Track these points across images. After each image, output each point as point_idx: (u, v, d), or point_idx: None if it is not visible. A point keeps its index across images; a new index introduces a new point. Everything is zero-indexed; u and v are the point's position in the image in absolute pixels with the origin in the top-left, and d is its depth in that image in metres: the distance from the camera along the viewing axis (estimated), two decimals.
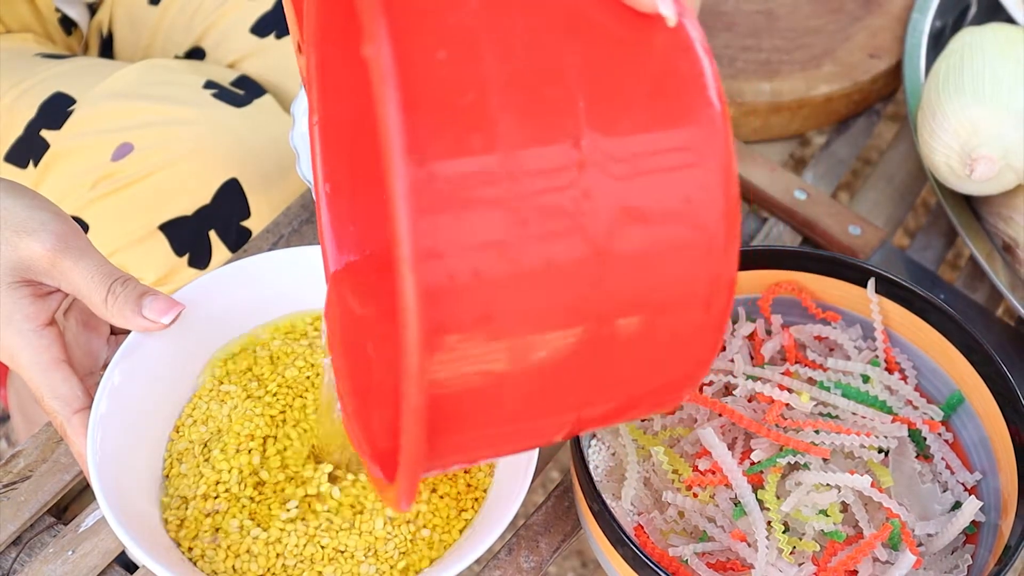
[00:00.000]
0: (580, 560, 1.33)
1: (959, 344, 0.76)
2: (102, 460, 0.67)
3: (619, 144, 0.48)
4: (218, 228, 0.92)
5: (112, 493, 0.66)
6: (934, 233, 0.99)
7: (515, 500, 0.68)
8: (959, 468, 0.76)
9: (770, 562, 0.69)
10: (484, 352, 0.47)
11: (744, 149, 0.99)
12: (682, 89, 0.49)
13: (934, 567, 0.72)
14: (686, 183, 0.48)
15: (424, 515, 0.71)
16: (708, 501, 0.72)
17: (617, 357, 0.50)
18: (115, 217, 0.91)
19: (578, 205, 0.47)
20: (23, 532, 0.75)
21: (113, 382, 0.70)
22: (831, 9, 1.07)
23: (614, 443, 0.76)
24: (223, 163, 0.91)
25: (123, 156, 0.91)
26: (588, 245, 0.47)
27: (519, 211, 0.46)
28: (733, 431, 0.75)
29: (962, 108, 0.86)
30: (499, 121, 0.46)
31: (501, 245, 0.46)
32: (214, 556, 0.68)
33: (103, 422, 0.69)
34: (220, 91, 0.96)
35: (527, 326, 0.47)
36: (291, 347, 0.76)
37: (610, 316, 0.49)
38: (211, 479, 0.70)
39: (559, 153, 0.47)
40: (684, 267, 0.49)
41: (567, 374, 0.50)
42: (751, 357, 0.80)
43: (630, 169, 0.48)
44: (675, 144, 0.48)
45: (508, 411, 0.50)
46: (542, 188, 0.46)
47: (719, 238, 0.49)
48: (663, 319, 0.50)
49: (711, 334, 0.52)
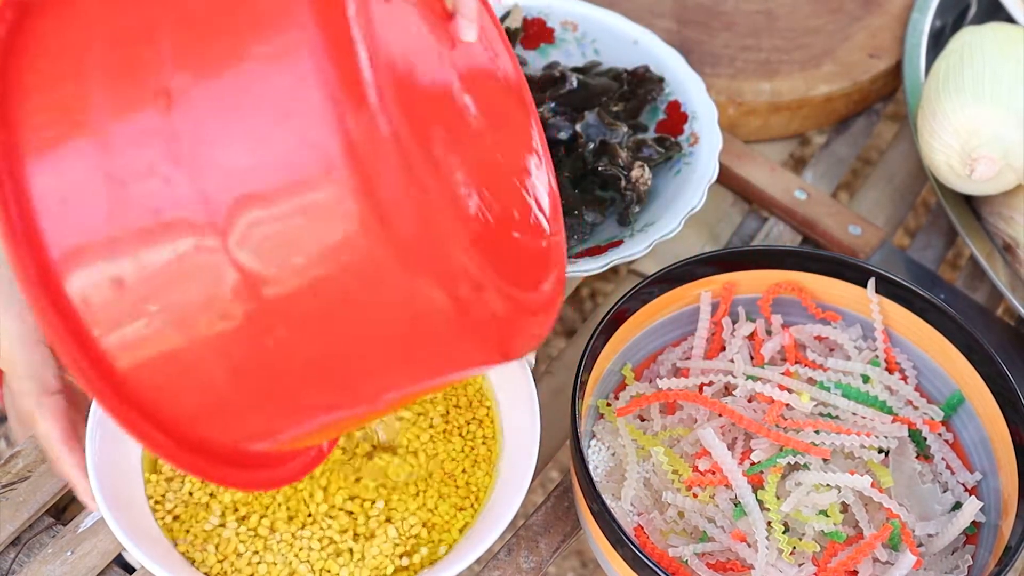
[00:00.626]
0: (580, 560, 1.33)
1: (959, 344, 0.76)
2: (100, 461, 0.67)
3: (209, 83, 0.48)
4: None
5: (110, 494, 0.66)
6: (934, 233, 0.99)
7: (515, 500, 0.68)
8: (959, 468, 0.76)
9: (770, 562, 0.69)
10: (136, 317, 0.50)
11: (744, 148, 0.99)
12: (268, 11, 0.48)
13: (934, 567, 0.72)
14: (283, 111, 0.47)
15: (424, 515, 0.71)
16: (708, 501, 0.72)
17: (299, 325, 0.50)
18: None
19: (175, 155, 0.48)
20: (22, 532, 0.75)
21: None
22: (831, 9, 1.07)
23: (614, 443, 0.75)
24: None
25: None
26: (192, 189, 0.48)
27: (117, 177, 0.49)
28: (733, 431, 0.75)
29: (962, 108, 0.85)
30: (92, 96, 0.50)
31: (111, 215, 0.49)
32: (206, 556, 0.68)
33: (102, 422, 0.68)
34: None
35: (161, 290, 0.49)
36: None
37: (241, 265, 0.49)
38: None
39: (148, 114, 0.49)
40: (311, 195, 0.47)
41: (255, 349, 0.50)
42: (751, 357, 0.80)
43: (220, 105, 0.48)
44: (264, 70, 0.48)
45: (227, 387, 0.52)
46: (134, 147, 0.49)
47: (336, 155, 0.46)
48: (324, 270, 0.49)
49: (405, 282, 0.49)
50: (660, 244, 0.82)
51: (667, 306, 0.79)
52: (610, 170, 0.86)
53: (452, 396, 0.76)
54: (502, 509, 0.69)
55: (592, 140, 0.88)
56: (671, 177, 0.88)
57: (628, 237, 0.83)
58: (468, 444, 0.74)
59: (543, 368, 0.87)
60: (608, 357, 0.77)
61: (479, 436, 0.74)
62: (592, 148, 0.88)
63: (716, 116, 0.90)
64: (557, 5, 0.96)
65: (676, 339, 0.81)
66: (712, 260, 0.79)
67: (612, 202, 0.87)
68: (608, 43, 0.95)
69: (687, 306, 0.80)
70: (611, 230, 0.86)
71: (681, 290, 0.79)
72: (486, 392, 0.76)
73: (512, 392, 0.74)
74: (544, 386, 0.86)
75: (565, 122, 0.89)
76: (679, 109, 0.91)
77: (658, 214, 0.85)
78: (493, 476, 0.73)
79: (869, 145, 1.37)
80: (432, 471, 0.73)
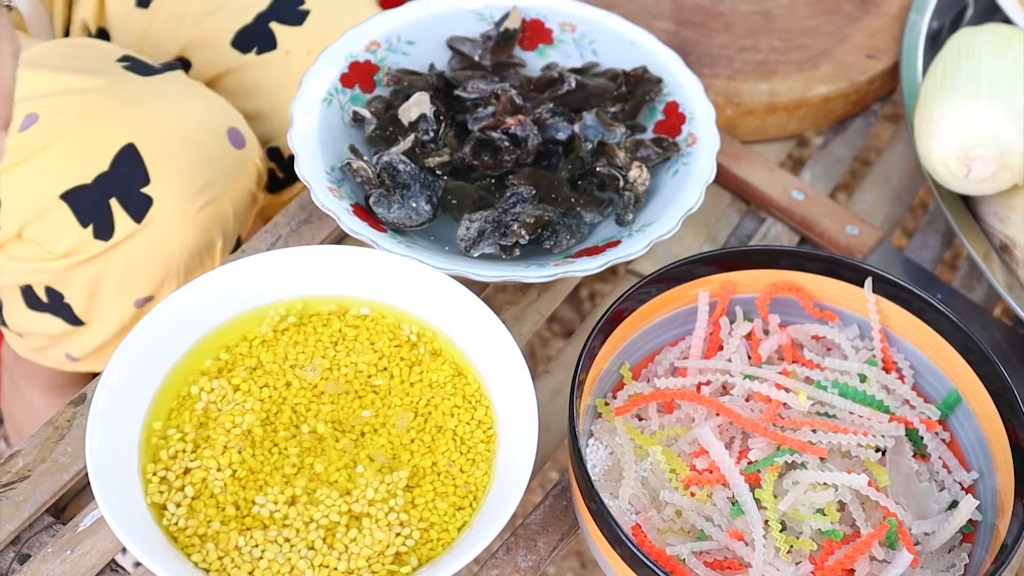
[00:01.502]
0: (579, 561, 1.33)
1: (956, 344, 0.76)
2: (100, 458, 0.68)
3: None
4: (119, 196, 0.89)
5: (110, 493, 0.67)
6: (931, 233, 0.99)
7: (513, 499, 0.68)
8: (956, 467, 0.76)
9: (767, 561, 0.69)
10: None
11: (742, 149, 0.99)
12: None
13: (931, 566, 0.72)
14: None
15: (422, 513, 0.71)
16: (705, 500, 0.72)
17: None
18: (21, 189, 0.90)
19: None
20: (22, 532, 0.75)
21: (112, 380, 0.71)
22: (828, 10, 1.07)
23: (612, 442, 0.76)
24: (119, 128, 0.89)
25: (28, 127, 0.89)
26: None
27: None
28: (731, 430, 0.75)
29: (959, 108, 0.86)
30: None
31: None
32: (205, 555, 0.68)
33: (103, 419, 0.69)
34: (132, 63, 0.94)
35: None
36: (285, 345, 0.77)
37: None
38: (198, 476, 0.71)
39: None
40: None
41: None
42: (749, 356, 0.80)
43: None
44: None
45: None
46: None
47: None
48: None
49: None
50: (658, 244, 0.82)
51: (665, 306, 0.79)
52: (608, 170, 0.86)
53: (450, 396, 0.76)
54: (500, 508, 0.69)
55: (590, 140, 0.89)
56: (669, 177, 0.88)
57: (626, 237, 0.83)
58: (466, 443, 0.74)
59: (541, 368, 0.87)
60: (606, 357, 0.77)
61: (477, 435, 0.75)
62: (590, 148, 0.88)
63: (714, 117, 0.90)
64: (555, 6, 0.96)
65: (674, 339, 0.82)
66: (710, 260, 0.79)
67: (610, 202, 0.88)
68: (606, 44, 0.95)
69: (685, 306, 0.80)
70: (609, 230, 0.86)
71: (679, 290, 0.79)
72: (484, 392, 0.76)
73: (510, 392, 0.74)
74: (542, 386, 0.86)
75: (563, 123, 0.89)
76: (677, 110, 0.91)
77: (656, 214, 0.85)
78: (491, 475, 0.73)
79: (867, 146, 1.37)
80: (429, 419, 0.74)
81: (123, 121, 0.90)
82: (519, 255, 0.83)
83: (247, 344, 0.77)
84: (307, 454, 0.73)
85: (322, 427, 0.74)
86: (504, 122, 0.87)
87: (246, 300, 0.78)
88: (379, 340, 0.78)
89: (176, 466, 0.71)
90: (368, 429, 0.74)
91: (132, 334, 0.73)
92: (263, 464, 0.72)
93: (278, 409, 0.74)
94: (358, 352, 0.77)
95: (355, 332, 0.78)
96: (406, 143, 0.87)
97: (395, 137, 0.88)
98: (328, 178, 0.84)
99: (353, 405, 0.75)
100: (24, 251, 0.91)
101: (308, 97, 0.88)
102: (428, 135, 0.88)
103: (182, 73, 0.96)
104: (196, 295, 0.76)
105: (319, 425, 0.74)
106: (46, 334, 0.97)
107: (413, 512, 0.71)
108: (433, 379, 0.77)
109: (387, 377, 0.76)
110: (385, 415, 0.75)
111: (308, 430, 0.74)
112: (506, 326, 0.76)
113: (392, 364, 0.77)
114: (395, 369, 0.77)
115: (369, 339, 0.78)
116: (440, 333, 0.78)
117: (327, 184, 0.83)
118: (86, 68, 0.92)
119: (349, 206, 0.83)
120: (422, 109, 0.88)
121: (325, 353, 0.77)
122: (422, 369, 0.77)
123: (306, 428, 0.74)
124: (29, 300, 0.95)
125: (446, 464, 0.73)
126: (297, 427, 0.74)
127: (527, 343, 0.87)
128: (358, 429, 0.74)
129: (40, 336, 0.98)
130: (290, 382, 0.75)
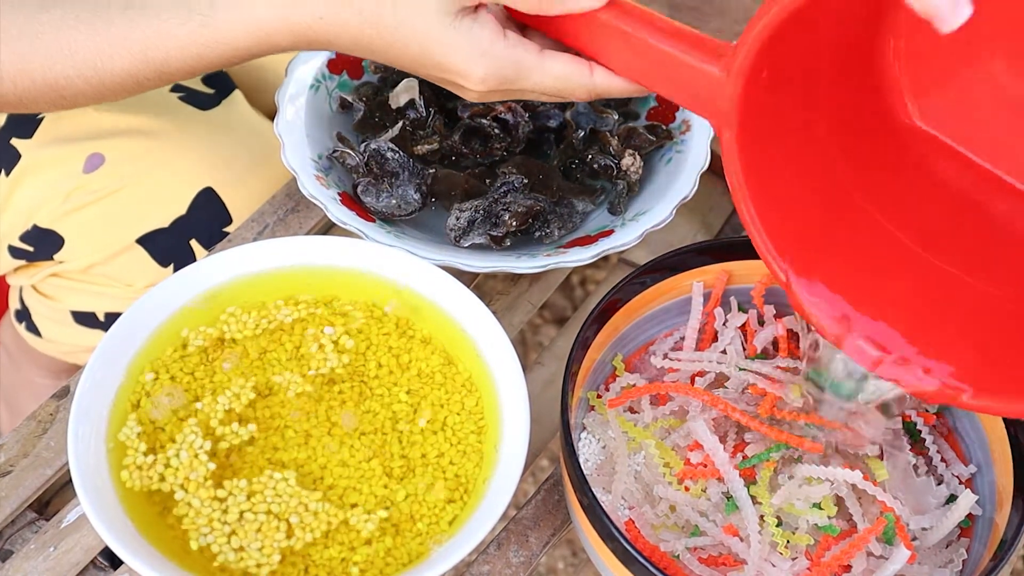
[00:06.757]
0: (571, 549, 1.32)
1: None
2: (83, 454, 0.66)
3: None
4: (199, 236, 0.91)
5: (92, 489, 0.65)
6: None
7: (505, 493, 0.67)
8: (954, 461, 0.75)
9: (763, 557, 0.68)
10: None
11: None
12: None
13: (929, 561, 0.71)
14: None
15: (411, 506, 0.70)
16: (700, 495, 0.71)
17: None
18: (91, 231, 0.91)
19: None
20: (4, 528, 0.74)
21: (96, 374, 0.70)
22: None
23: (604, 436, 0.75)
24: (195, 173, 0.91)
25: (95, 168, 0.90)
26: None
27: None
28: (725, 424, 0.74)
29: None
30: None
31: None
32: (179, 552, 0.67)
33: (86, 414, 0.68)
34: (187, 94, 0.94)
35: None
36: (269, 336, 0.76)
37: None
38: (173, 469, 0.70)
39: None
40: None
41: None
42: (743, 347, 0.79)
43: None
44: None
45: None
46: None
47: None
48: None
49: None
50: (651, 233, 0.81)
51: (659, 296, 0.78)
52: (601, 159, 0.85)
53: (441, 387, 0.75)
54: (492, 502, 0.68)
55: (582, 128, 0.87)
56: (662, 165, 0.87)
57: (619, 226, 0.82)
58: (457, 434, 0.73)
59: (533, 358, 0.86)
60: (599, 348, 0.76)
61: (468, 426, 0.74)
62: (582, 136, 0.87)
63: None
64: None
65: (668, 329, 0.81)
66: (704, 249, 0.78)
67: (603, 191, 0.86)
68: None
69: (679, 296, 0.79)
70: (602, 219, 0.85)
71: (673, 280, 0.78)
72: (475, 383, 0.75)
73: (502, 383, 0.73)
74: (534, 377, 0.85)
75: (554, 110, 0.88)
76: None
77: (649, 203, 0.84)
78: (483, 468, 0.72)
79: None
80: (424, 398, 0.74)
81: (197, 165, 0.91)
82: (510, 245, 0.82)
83: (235, 335, 0.76)
84: (292, 446, 0.72)
85: (308, 418, 0.73)
86: (494, 109, 0.86)
87: (232, 288, 0.77)
88: (367, 330, 0.77)
89: (141, 459, 0.70)
90: (356, 419, 0.73)
91: (116, 326, 0.72)
92: (244, 458, 0.71)
93: (264, 400, 0.73)
94: (345, 341, 0.76)
95: (343, 321, 0.77)
96: (395, 130, 0.86)
97: (383, 124, 0.87)
98: (315, 166, 0.83)
99: (341, 395, 0.74)
100: (98, 279, 0.92)
101: (295, 84, 0.87)
102: (419, 114, 0.86)
103: (238, 93, 0.96)
104: (181, 285, 0.75)
105: (305, 416, 0.73)
106: (87, 346, 0.97)
107: (402, 505, 0.70)
108: (422, 368, 0.76)
109: (375, 366, 0.75)
110: (372, 404, 0.74)
111: (295, 421, 0.73)
112: (496, 317, 0.75)
113: (380, 353, 0.76)
114: (384, 358, 0.76)
115: (357, 328, 0.77)
116: (429, 323, 0.77)
117: (314, 172, 0.82)
118: (143, 105, 0.92)
119: (336, 195, 0.81)
120: (411, 95, 0.87)
121: (312, 343, 0.76)
122: (411, 358, 0.76)
123: (292, 419, 0.73)
124: (82, 319, 0.96)
125: (435, 455, 0.72)
126: (283, 418, 0.73)
127: (518, 332, 0.86)
128: (347, 419, 0.73)
129: (79, 347, 0.98)
130: (276, 372, 0.74)
